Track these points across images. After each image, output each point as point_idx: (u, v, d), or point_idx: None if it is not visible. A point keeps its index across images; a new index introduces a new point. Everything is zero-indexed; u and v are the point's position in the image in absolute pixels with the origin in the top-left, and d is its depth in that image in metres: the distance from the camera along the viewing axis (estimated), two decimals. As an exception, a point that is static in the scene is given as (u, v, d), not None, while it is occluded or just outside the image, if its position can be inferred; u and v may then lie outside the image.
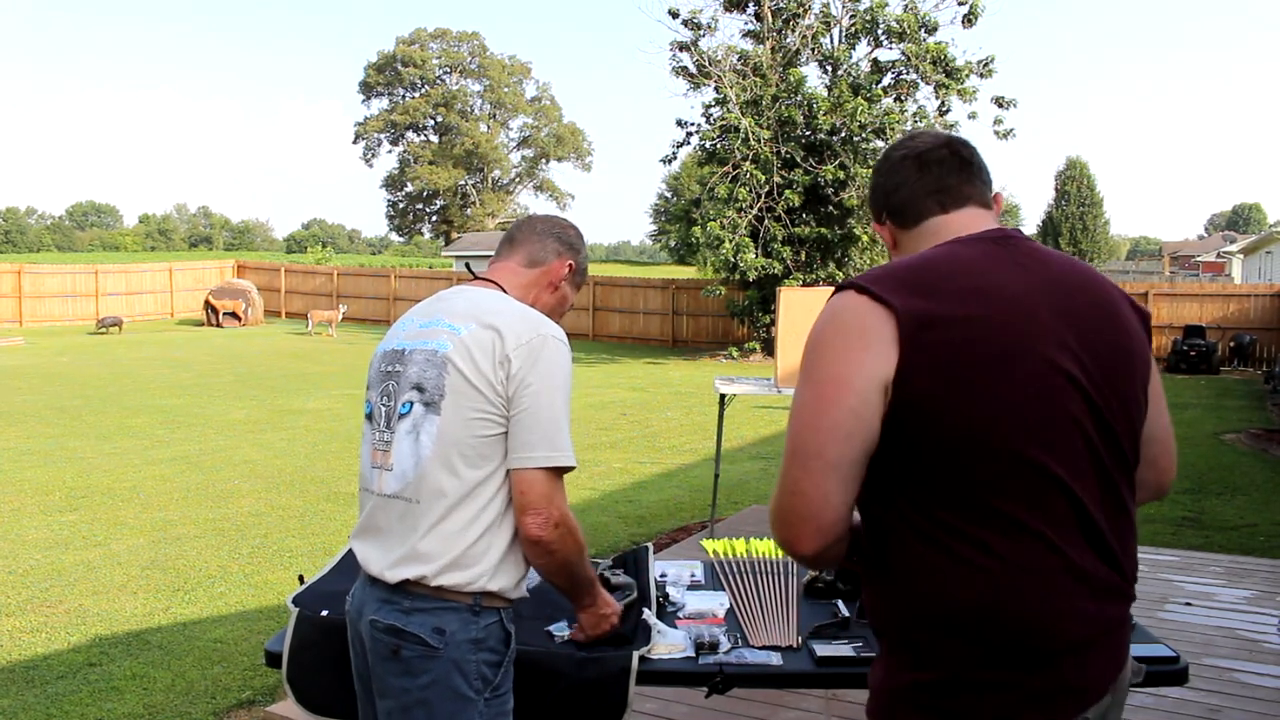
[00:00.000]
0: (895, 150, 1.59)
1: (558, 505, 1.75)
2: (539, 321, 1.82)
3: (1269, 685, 3.64)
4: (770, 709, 3.37)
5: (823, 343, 1.39)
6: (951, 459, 1.33)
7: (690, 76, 20.50)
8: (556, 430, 1.77)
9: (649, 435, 10.70)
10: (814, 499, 1.34)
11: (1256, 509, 7.35)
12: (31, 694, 3.93)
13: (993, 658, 1.35)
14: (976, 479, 1.33)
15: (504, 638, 1.80)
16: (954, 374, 1.32)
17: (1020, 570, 1.34)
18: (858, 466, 1.35)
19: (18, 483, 7.82)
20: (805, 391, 1.38)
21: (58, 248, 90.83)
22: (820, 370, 1.37)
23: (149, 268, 30.26)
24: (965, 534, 1.34)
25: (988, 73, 19.82)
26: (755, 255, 19.08)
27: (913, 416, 1.33)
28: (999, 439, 1.32)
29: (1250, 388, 16.12)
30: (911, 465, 1.35)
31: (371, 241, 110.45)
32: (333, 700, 2.04)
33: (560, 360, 1.81)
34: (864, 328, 1.35)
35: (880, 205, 1.60)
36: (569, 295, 2.08)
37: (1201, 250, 56.18)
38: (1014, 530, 1.34)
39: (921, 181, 1.53)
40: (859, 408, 1.33)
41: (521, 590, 1.84)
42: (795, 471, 1.36)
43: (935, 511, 1.35)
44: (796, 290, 6.00)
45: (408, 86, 67.55)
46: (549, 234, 2.04)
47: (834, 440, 1.33)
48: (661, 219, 67.99)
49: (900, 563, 1.39)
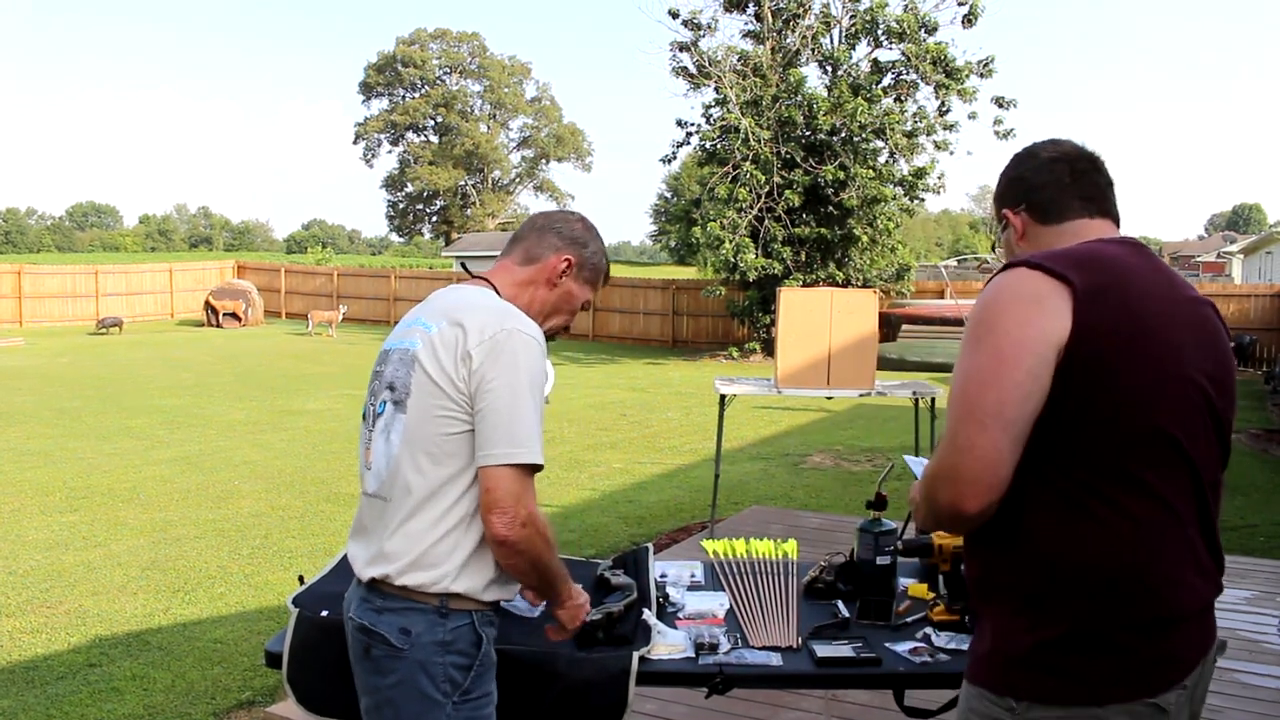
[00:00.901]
0: (1043, 150, 1.69)
1: (524, 504, 1.69)
2: (506, 316, 1.76)
3: (1269, 685, 3.64)
4: (770, 709, 3.37)
5: (998, 309, 1.47)
6: (1103, 422, 1.43)
7: (690, 77, 20.51)
8: (518, 426, 1.70)
9: (649, 435, 10.70)
10: (989, 457, 1.40)
11: (1256, 509, 7.35)
12: (31, 694, 3.93)
13: (1117, 617, 1.45)
14: (1120, 442, 1.43)
15: (475, 640, 1.75)
16: (1120, 341, 1.44)
17: (1151, 534, 1.45)
18: (1029, 427, 1.42)
19: (18, 483, 7.82)
20: (980, 355, 1.45)
21: (58, 248, 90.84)
22: (997, 334, 1.45)
23: (149, 268, 30.27)
24: (1103, 494, 1.44)
25: (988, 73, 19.82)
26: (755, 255, 19.08)
27: (1081, 378, 1.42)
28: (1148, 408, 1.44)
29: (1250, 388, 16.12)
30: (1064, 426, 1.43)
31: (371, 242, 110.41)
32: (333, 700, 2.04)
33: (525, 354, 1.73)
34: (1039, 294, 1.44)
35: (1020, 197, 1.69)
36: (575, 292, 1.98)
37: (1201, 250, 56.18)
38: (1148, 497, 1.45)
39: (1074, 185, 1.65)
40: (1037, 368, 1.41)
41: (498, 593, 1.80)
42: (970, 430, 1.41)
43: (1074, 471, 1.44)
44: (796, 290, 6.00)
45: (408, 87, 67.53)
46: (549, 229, 1.98)
47: (1014, 400, 1.40)
48: (661, 219, 67.95)
49: (1034, 523, 1.47)
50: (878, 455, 9.42)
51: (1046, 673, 1.47)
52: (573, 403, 13.17)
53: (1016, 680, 1.49)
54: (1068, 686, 1.46)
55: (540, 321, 1.90)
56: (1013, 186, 1.71)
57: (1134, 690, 1.46)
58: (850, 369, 5.64)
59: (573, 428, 10.88)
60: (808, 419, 11.89)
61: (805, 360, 5.67)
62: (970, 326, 1.51)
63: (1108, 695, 1.46)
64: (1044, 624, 1.47)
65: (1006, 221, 1.71)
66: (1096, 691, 1.46)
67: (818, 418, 11.97)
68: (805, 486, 8.04)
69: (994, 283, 1.52)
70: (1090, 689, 1.46)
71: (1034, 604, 1.49)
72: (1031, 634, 1.48)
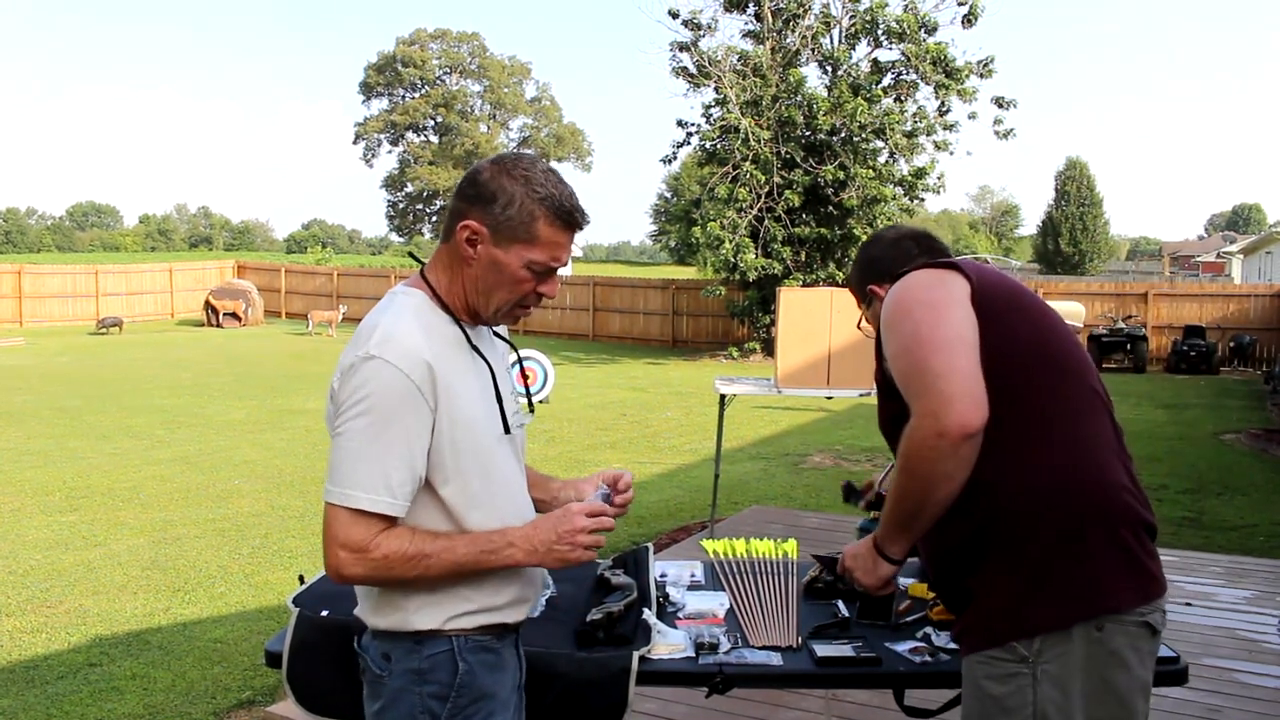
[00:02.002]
0: (887, 234, 2.07)
1: (337, 548, 1.52)
2: (369, 339, 1.55)
3: (1269, 685, 3.64)
4: (770, 709, 3.37)
5: (913, 291, 1.70)
6: (1019, 355, 1.69)
7: (690, 77, 20.49)
8: (341, 463, 1.53)
9: (649, 435, 10.70)
10: (970, 372, 1.56)
11: (1256, 509, 7.35)
12: (32, 694, 3.93)
13: (1101, 520, 1.62)
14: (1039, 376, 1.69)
15: (453, 670, 1.61)
16: (1008, 296, 1.73)
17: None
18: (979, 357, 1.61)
19: (18, 483, 7.82)
20: (916, 314, 1.65)
21: (58, 248, 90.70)
22: (922, 302, 1.67)
23: (149, 268, 30.27)
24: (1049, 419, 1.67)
25: (988, 73, 19.81)
26: (755, 255, 19.08)
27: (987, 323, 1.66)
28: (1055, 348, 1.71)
29: (1250, 388, 16.12)
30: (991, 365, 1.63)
31: (371, 242, 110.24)
32: (333, 700, 2.04)
33: (367, 382, 1.51)
34: (941, 276, 1.71)
35: (884, 272, 1.98)
36: (504, 259, 1.59)
37: (1201, 250, 56.14)
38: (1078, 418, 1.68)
39: (922, 254, 1.96)
40: (966, 312, 1.64)
41: (485, 620, 1.65)
42: (941, 358, 1.57)
43: (1018, 405, 1.64)
44: (796, 290, 6.00)
45: (408, 87, 67.55)
46: (455, 195, 1.65)
47: (965, 330, 1.61)
48: (661, 219, 67.98)
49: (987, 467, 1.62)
50: (877, 455, 9.42)
51: (1046, 600, 1.57)
52: (573, 403, 13.16)
53: (1021, 620, 1.58)
54: (1068, 606, 1.57)
55: (489, 310, 1.65)
56: (873, 266, 2.01)
57: (1128, 596, 1.60)
58: (850, 369, 5.63)
59: (573, 428, 10.88)
60: (808, 419, 11.89)
61: (805, 360, 5.67)
62: (890, 316, 1.72)
63: (1104, 604, 1.58)
64: (1023, 552, 1.59)
65: (873, 296, 1.98)
66: (1094, 604, 1.58)
67: (818, 418, 11.97)
68: (805, 486, 8.04)
69: (891, 289, 1.75)
70: (1087, 603, 1.57)
71: (1015, 535, 1.60)
72: (1019, 567, 1.60)
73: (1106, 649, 1.59)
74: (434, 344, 1.57)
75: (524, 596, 1.71)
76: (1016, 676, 1.58)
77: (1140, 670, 1.63)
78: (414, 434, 1.54)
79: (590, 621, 2.10)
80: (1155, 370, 18.91)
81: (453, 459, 1.58)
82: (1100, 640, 1.58)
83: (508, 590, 1.67)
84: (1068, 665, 1.57)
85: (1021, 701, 1.58)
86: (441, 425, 1.56)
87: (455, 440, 1.58)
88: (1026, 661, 1.57)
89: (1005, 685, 1.59)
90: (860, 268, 2.04)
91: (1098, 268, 52.17)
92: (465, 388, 1.61)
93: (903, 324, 1.65)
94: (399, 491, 1.53)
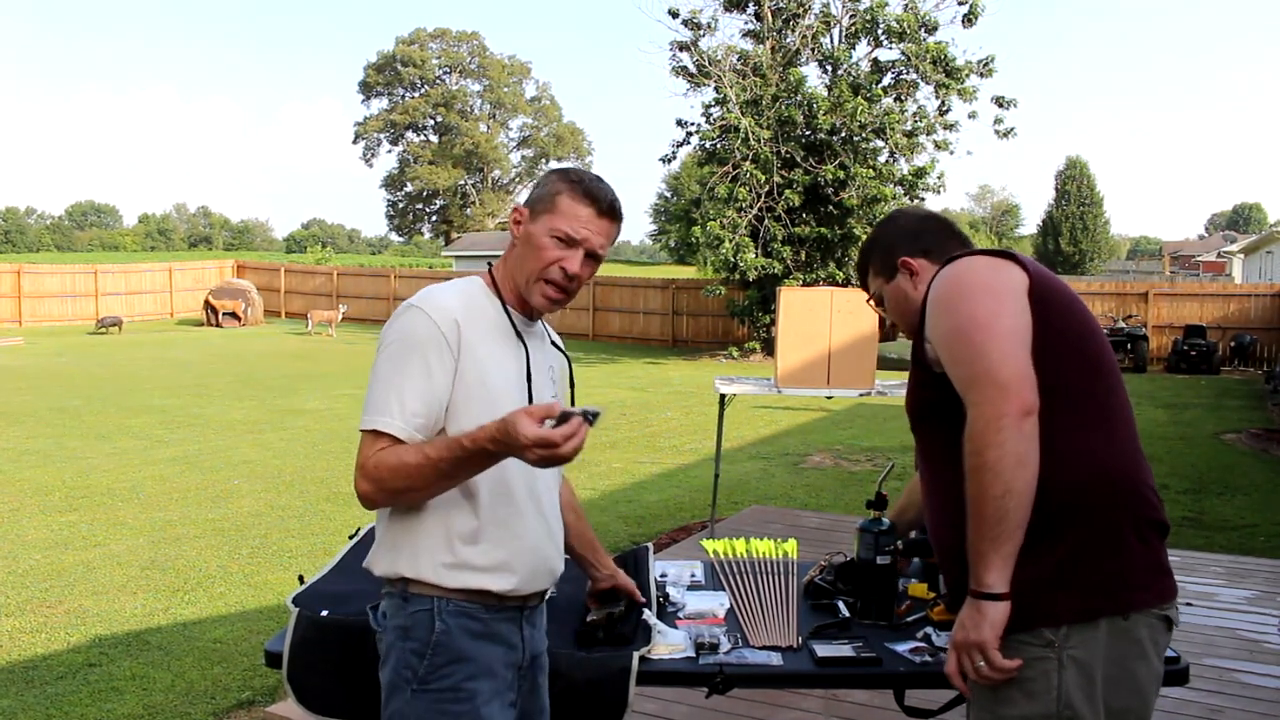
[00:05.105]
0: (911, 211, 2.07)
1: (356, 468, 1.65)
2: (417, 296, 1.74)
3: (1269, 685, 3.64)
4: (770, 709, 3.36)
5: (969, 274, 1.71)
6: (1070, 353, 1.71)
7: (690, 76, 20.49)
8: (369, 393, 1.68)
9: (649, 435, 10.70)
10: (1024, 361, 1.58)
11: (1257, 509, 7.35)
12: (31, 694, 3.93)
13: (1127, 516, 1.66)
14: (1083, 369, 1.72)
15: (430, 628, 1.68)
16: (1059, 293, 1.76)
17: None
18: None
19: (18, 483, 7.82)
20: (975, 297, 1.65)
21: (57, 248, 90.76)
22: (982, 287, 1.67)
23: (149, 268, 30.27)
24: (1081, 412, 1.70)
25: (988, 72, 19.81)
26: (755, 255, 19.08)
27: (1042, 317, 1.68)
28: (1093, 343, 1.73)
29: (1250, 388, 16.12)
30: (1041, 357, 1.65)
31: (371, 241, 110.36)
32: (333, 700, 2.04)
33: (400, 324, 1.70)
34: (994, 263, 1.73)
35: (913, 245, 1.97)
36: (535, 232, 1.75)
37: (1202, 250, 56.16)
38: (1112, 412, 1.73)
39: (948, 232, 1.99)
40: (1022, 304, 1.66)
41: (468, 580, 1.68)
42: (999, 344, 1.59)
43: (1051, 396, 1.64)
44: (797, 290, 6.00)
45: (407, 86, 67.49)
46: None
47: (1021, 326, 1.63)
48: (661, 219, 67.98)
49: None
50: (877, 455, 9.42)
51: (1077, 590, 1.59)
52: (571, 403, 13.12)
53: (1051, 606, 1.58)
54: (1096, 599, 1.59)
55: (525, 284, 1.77)
56: (909, 239, 1.94)
57: (1150, 594, 1.64)
58: (850, 369, 5.63)
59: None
60: (808, 419, 11.89)
61: (805, 360, 5.66)
62: (946, 297, 1.68)
63: (1130, 599, 1.61)
64: (1059, 540, 1.60)
65: (904, 269, 1.91)
66: (1119, 599, 1.61)
67: (818, 417, 11.97)
68: (805, 486, 8.04)
69: (945, 270, 1.75)
70: (1114, 597, 1.61)
71: (1054, 525, 1.60)
72: (1052, 554, 1.60)
73: (1131, 638, 1.63)
74: (469, 313, 1.73)
75: (511, 566, 1.73)
76: (1042, 660, 1.59)
77: (1157, 663, 1.69)
78: (434, 368, 1.66)
79: (590, 621, 2.10)
80: (1156, 370, 18.91)
81: (467, 418, 1.66)
82: (1126, 630, 1.62)
83: (495, 554, 1.71)
84: (1093, 652, 1.59)
85: (1046, 686, 1.59)
86: (464, 378, 1.68)
87: (471, 399, 1.68)
88: (1053, 646, 1.59)
89: (1029, 669, 1.59)
90: (891, 239, 1.94)
91: (1098, 267, 52.22)
92: (493, 359, 1.73)
93: (960, 306, 1.65)
94: (410, 417, 1.64)
